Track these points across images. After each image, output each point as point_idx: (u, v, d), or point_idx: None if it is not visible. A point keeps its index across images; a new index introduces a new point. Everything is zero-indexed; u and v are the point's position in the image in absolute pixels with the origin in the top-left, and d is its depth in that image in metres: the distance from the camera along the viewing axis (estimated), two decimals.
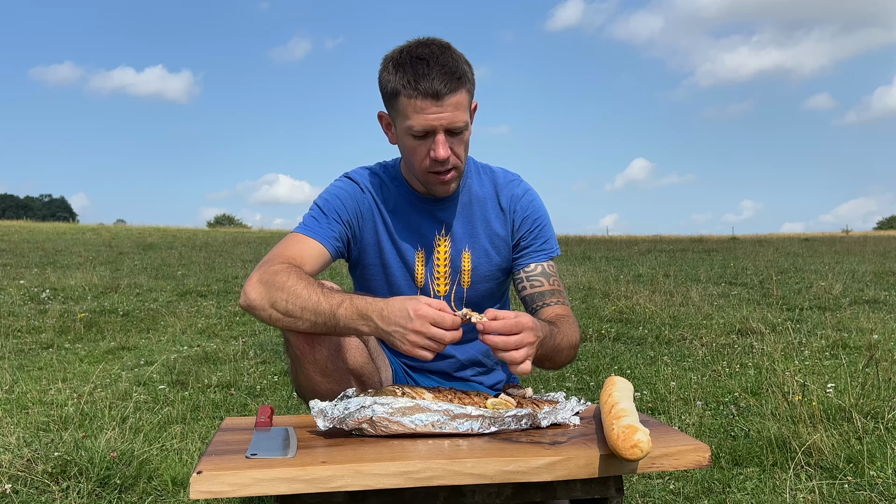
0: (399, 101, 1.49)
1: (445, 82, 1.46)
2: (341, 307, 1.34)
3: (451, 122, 1.48)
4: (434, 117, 1.47)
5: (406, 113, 1.49)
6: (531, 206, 1.71)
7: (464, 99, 1.50)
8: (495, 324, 1.30)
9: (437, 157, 1.50)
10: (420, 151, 1.52)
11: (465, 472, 1.13)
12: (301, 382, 1.47)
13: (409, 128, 1.49)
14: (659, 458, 1.20)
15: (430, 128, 1.48)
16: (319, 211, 1.61)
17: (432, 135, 1.49)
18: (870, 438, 2.38)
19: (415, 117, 1.48)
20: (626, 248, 13.74)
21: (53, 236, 15.19)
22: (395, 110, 1.52)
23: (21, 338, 4.70)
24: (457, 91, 1.48)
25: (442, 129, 1.49)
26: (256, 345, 4.52)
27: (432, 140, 1.50)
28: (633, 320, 5.34)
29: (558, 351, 1.50)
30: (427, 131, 1.49)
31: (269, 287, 1.40)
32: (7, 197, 60.93)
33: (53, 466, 2.07)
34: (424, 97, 1.45)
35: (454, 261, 1.66)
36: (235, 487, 1.06)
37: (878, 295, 6.40)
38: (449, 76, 1.46)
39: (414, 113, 1.47)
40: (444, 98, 1.46)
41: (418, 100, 1.46)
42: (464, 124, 1.51)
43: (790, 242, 15.85)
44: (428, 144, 1.51)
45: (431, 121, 1.47)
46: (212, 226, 33.39)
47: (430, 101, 1.46)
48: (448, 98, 1.46)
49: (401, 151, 1.60)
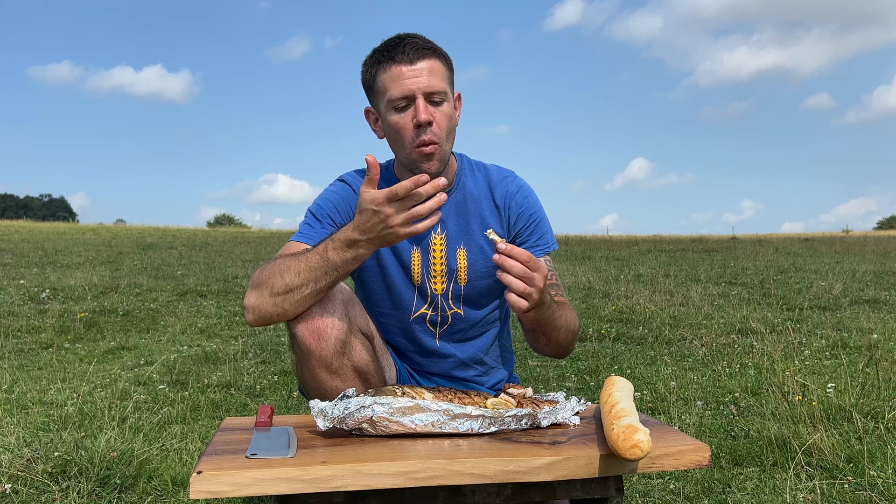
0: (377, 80, 1.56)
1: (417, 49, 1.53)
2: (328, 251, 1.39)
3: (427, 86, 1.52)
4: (410, 81, 1.52)
5: (384, 86, 1.54)
6: (526, 202, 1.72)
7: (438, 67, 1.55)
8: (517, 249, 1.35)
9: (418, 120, 1.52)
10: (403, 124, 1.54)
11: (464, 472, 1.13)
12: (306, 379, 1.47)
13: (390, 100, 1.53)
14: (659, 458, 1.20)
15: (409, 92, 1.52)
16: (313, 217, 1.64)
17: (412, 102, 1.53)
18: (870, 438, 2.38)
19: (392, 86, 1.53)
20: (626, 248, 13.74)
21: (53, 236, 15.19)
22: (377, 94, 1.58)
23: (21, 338, 4.70)
24: (429, 58, 1.54)
25: (420, 93, 1.52)
26: (256, 345, 4.52)
27: (413, 108, 1.53)
28: (633, 320, 5.34)
29: (555, 327, 1.52)
30: (406, 97, 1.52)
31: (262, 283, 1.44)
32: (7, 197, 60.95)
33: (53, 466, 2.07)
34: (399, 64, 1.52)
35: (450, 259, 1.67)
36: (235, 487, 1.06)
37: (878, 295, 6.40)
38: (420, 46, 1.54)
39: (391, 82, 1.53)
40: (416, 62, 1.52)
41: (392, 68, 1.53)
42: (442, 92, 1.55)
43: (790, 242, 15.85)
44: (410, 114, 1.54)
45: (408, 84, 1.52)
46: (212, 226, 33.41)
47: (405, 66, 1.52)
48: (420, 63, 1.52)
49: (389, 139, 1.61)
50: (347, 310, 1.45)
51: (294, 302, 1.40)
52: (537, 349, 1.62)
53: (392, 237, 1.35)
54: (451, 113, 1.59)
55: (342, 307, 1.44)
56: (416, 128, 1.53)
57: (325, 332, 1.41)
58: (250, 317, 1.45)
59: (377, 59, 1.56)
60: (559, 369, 3.80)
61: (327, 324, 1.40)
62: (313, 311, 1.41)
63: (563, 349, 1.60)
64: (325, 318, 1.40)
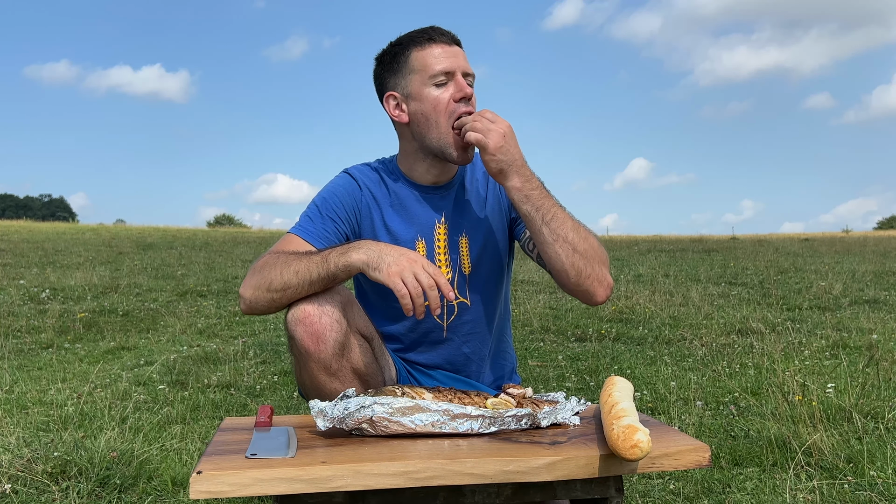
0: (410, 60, 1.60)
1: (451, 37, 1.61)
2: (330, 263, 1.42)
3: (465, 66, 1.60)
4: (451, 59, 1.58)
5: (424, 63, 1.59)
6: None
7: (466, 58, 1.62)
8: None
9: (464, 93, 1.58)
10: (443, 98, 1.58)
11: (464, 472, 1.13)
12: (304, 381, 1.48)
13: (431, 76, 1.57)
14: (659, 458, 1.20)
15: (450, 68, 1.57)
16: (316, 210, 1.65)
17: (451, 79, 1.58)
18: (870, 438, 2.38)
19: (434, 61, 1.57)
20: (626, 248, 13.74)
21: (53, 236, 15.19)
22: (409, 72, 1.60)
23: (21, 338, 4.70)
24: (461, 47, 1.62)
25: (460, 70, 1.58)
26: (256, 345, 4.52)
27: (453, 84, 1.58)
28: (633, 320, 5.34)
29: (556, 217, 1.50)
30: (447, 72, 1.58)
31: (259, 277, 1.47)
32: (7, 197, 60.92)
33: (53, 466, 2.07)
34: (439, 43, 1.58)
35: (452, 247, 1.68)
36: (235, 487, 1.06)
37: (878, 295, 6.40)
38: (452, 34, 1.62)
39: (432, 58, 1.57)
40: (453, 45, 1.60)
41: (433, 47, 1.58)
42: (473, 76, 1.62)
43: (790, 242, 15.85)
44: (450, 90, 1.58)
45: (451, 61, 1.58)
46: (212, 226, 33.39)
47: (445, 45, 1.59)
48: (456, 47, 1.61)
49: (419, 119, 1.61)
50: (346, 311, 1.46)
51: (289, 298, 1.45)
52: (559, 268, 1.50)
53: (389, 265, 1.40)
54: (475, 98, 1.64)
55: (341, 309, 1.44)
56: (457, 101, 1.58)
57: (323, 335, 1.41)
58: (244, 307, 1.51)
59: (411, 40, 1.60)
60: (559, 369, 3.80)
61: (326, 326, 1.41)
62: (312, 314, 1.41)
63: (586, 259, 1.49)
64: (323, 321, 1.41)
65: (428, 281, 1.36)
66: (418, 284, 1.36)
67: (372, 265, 1.39)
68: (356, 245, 1.43)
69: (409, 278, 1.36)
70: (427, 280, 1.36)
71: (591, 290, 1.52)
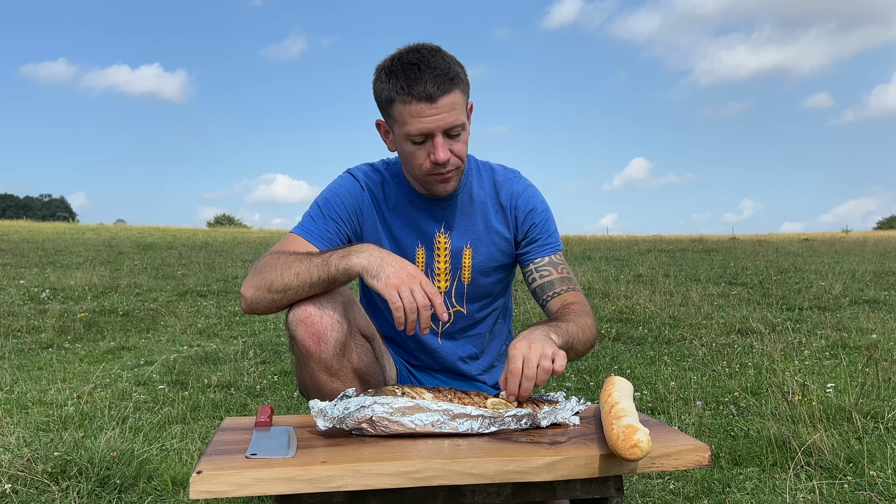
0: (394, 108, 1.51)
1: (438, 84, 1.47)
2: (330, 267, 1.41)
3: (447, 124, 1.50)
4: (430, 120, 1.48)
5: (402, 119, 1.50)
6: (532, 202, 1.72)
7: (458, 99, 1.51)
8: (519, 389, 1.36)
9: (437, 160, 1.51)
10: (419, 156, 1.53)
11: (464, 471, 1.13)
12: (305, 381, 1.48)
13: (407, 134, 1.51)
14: (659, 458, 1.20)
15: (428, 131, 1.49)
16: (318, 210, 1.65)
17: (430, 138, 1.51)
18: (870, 438, 2.38)
19: (411, 122, 1.49)
20: (626, 248, 13.74)
21: (53, 236, 15.18)
22: (392, 118, 1.54)
23: (21, 338, 4.70)
24: (450, 92, 1.49)
25: (439, 131, 1.50)
26: (256, 345, 4.52)
27: (431, 143, 1.51)
28: (633, 320, 5.34)
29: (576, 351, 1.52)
30: (425, 135, 1.50)
31: (261, 277, 1.47)
32: (7, 197, 60.90)
33: (53, 466, 2.07)
34: (419, 101, 1.47)
35: (454, 257, 1.68)
36: (235, 487, 1.06)
37: (878, 295, 6.40)
38: (441, 78, 1.48)
39: (410, 118, 1.49)
40: (438, 100, 1.48)
41: (412, 104, 1.48)
42: (461, 125, 1.52)
43: (790, 242, 15.85)
44: (427, 148, 1.52)
45: (428, 123, 1.49)
46: (211, 226, 33.39)
47: (425, 104, 1.47)
48: (442, 99, 1.48)
49: (401, 157, 1.61)
50: (347, 311, 1.46)
51: (289, 300, 1.45)
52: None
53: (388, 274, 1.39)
54: (467, 139, 1.58)
55: (342, 309, 1.44)
56: (432, 163, 1.53)
57: (325, 335, 1.41)
58: (245, 307, 1.51)
59: (395, 86, 1.49)
60: None
61: (327, 326, 1.41)
62: (313, 314, 1.41)
63: (582, 352, 1.59)
64: (324, 321, 1.41)
65: (423, 300, 1.36)
66: (414, 301, 1.35)
67: (371, 272, 1.39)
68: (358, 249, 1.43)
69: (405, 293, 1.36)
70: (422, 299, 1.36)
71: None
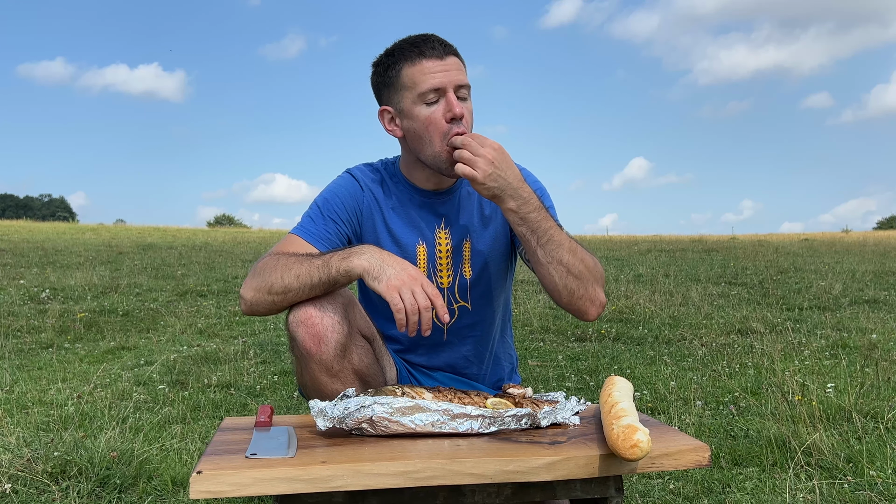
0: (402, 76, 1.56)
1: (444, 46, 1.56)
2: (332, 268, 1.42)
3: (458, 80, 1.55)
4: (442, 74, 1.54)
5: (413, 81, 1.55)
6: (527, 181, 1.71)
7: (462, 66, 1.58)
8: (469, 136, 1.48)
9: (454, 114, 1.53)
10: (435, 118, 1.55)
11: (464, 471, 1.13)
12: (306, 382, 1.48)
13: (421, 94, 1.54)
14: (659, 458, 1.20)
15: (440, 85, 1.54)
16: (317, 210, 1.65)
17: (443, 96, 1.54)
18: (869, 438, 2.38)
19: (423, 80, 1.54)
20: (626, 248, 13.74)
21: (53, 236, 15.18)
22: (400, 88, 1.57)
23: (21, 338, 4.70)
24: (455, 55, 1.57)
25: (451, 86, 1.54)
26: (256, 345, 4.52)
27: (445, 101, 1.55)
28: (633, 320, 5.34)
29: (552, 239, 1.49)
30: (438, 89, 1.54)
31: (260, 278, 1.47)
32: (7, 197, 60.87)
33: (53, 466, 2.07)
34: (429, 58, 1.54)
35: (455, 252, 1.68)
36: (235, 487, 1.06)
37: (878, 295, 6.40)
38: (445, 43, 1.57)
39: (421, 76, 1.54)
40: (446, 58, 1.55)
41: (423, 62, 1.54)
42: (468, 87, 1.58)
43: (790, 242, 15.84)
44: (441, 107, 1.55)
45: (440, 77, 1.54)
46: (211, 226, 33.38)
47: (435, 60, 1.54)
48: (449, 59, 1.55)
49: (412, 135, 1.59)
50: (347, 312, 1.46)
51: (290, 301, 1.45)
52: (552, 288, 1.53)
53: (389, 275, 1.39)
54: (472, 108, 1.61)
55: (342, 310, 1.44)
56: (448, 121, 1.54)
57: (325, 336, 1.41)
58: (245, 308, 1.51)
59: (402, 54, 1.56)
60: (559, 369, 3.80)
61: (327, 327, 1.41)
62: (313, 315, 1.41)
63: (580, 281, 1.50)
64: (325, 322, 1.41)
65: (424, 302, 1.36)
66: (415, 302, 1.36)
67: (372, 274, 1.39)
68: (358, 250, 1.43)
69: (406, 295, 1.36)
70: (424, 301, 1.36)
71: (583, 308, 1.55)
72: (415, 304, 1.36)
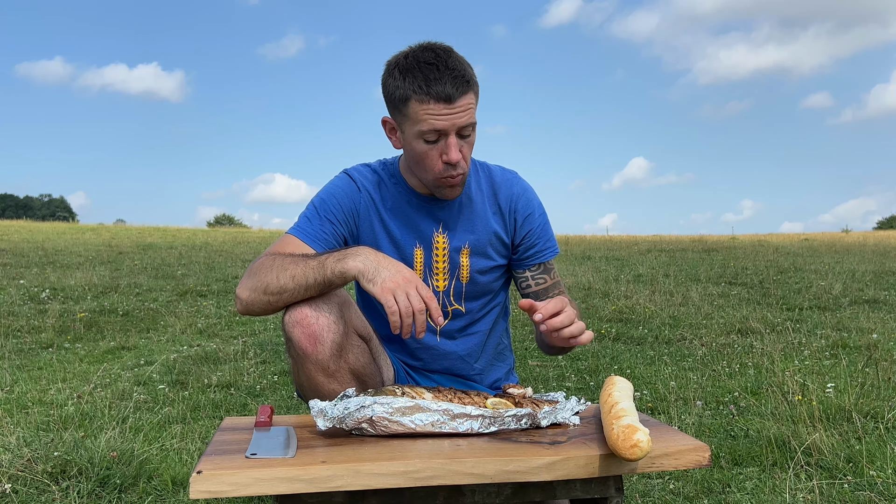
0: (409, 106, 1.51)
1: (457, 86, 1.49)
2: (327, 270, 1.42)
3: (462, 123, 1.51)
4: (446, 119, 1.49)
5: (417, 117, 1.50)
6: (530, 206, 1.73)
7: (472, 101, 1.53)
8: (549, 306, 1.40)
9: (450, 160, 1.52)
10: (431, 155, 1.54)
11: (464, 471, 1.13)
12: (302, 382, 1.48)
13: (421, 132, 1.51)
14: (659, 458, 1.20)
15: (443, 129, 1.50)
16: (314, 210, 1.65)
17: (444, 138, 1.52)
18: (869, 438, 2.38)
19: (427, 121, 1.50)
20: (626, 248, 13.74)
21: (53, 236, 15.18)
22: (404, 115, 1.53)
23: (21, 337, 4.70)
24: (466, 93, 1.51)
25: (454, 130, 1.51)
26: (256, 345, 4.52)
27: (444, 143, 1.52)
28: (633, 320, 5.34)
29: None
30: (439, 133, 1.51)
31: (256, 278, 1.47)
32: (7, 197, 60.84)
33: (53, 466, 2.07)
34: (437, 101, 1.48)
35: (452, 256, 1.68)
36: (235, 487, 1.06)
37: (878, 295, 6.40)
38: (459, 79, 1.49)
39: (426, 116, 1.49)
40: (455, 101, 1.49)
41: (431, 104, 1.48)
42: (472, 125, 1.54)
43: (790, 242, 15.84)
44: (439, 148, 1.53)
45: (444, 122, 1.49)
46: (211, 225, 33.36)
47: (443, 104, 1.48)
48: (459, 100, 1.49)
49: (409, 157, 1.61)
50: (343, 312, 1.46)
51: (285, 302, 1.45)
52: (547, 352, 1.70)
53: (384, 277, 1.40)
54: (473, 141, 1.59)
55: (338, 310, 1.44)
56: (444, 164, 1.53)
57: (321, 336, 1.41)
58: (241, 308, 1.52)
59: (413, 84, 1.49)
60: (559, 369, 3.80)
61: (323, 327, 1.41)
62: (309, 316, 1.41)
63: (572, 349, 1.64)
64: (321, 322, 1.41)
65: (419, 305, 1.36)
66: (409, 305, 1.36)
67: (367, 276, 1.39)
68: (354, 252, 1.43)
69: (401, 297, 1.36)
70: (418, 304, 1.36)
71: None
72: (409, 306, 1.36)
